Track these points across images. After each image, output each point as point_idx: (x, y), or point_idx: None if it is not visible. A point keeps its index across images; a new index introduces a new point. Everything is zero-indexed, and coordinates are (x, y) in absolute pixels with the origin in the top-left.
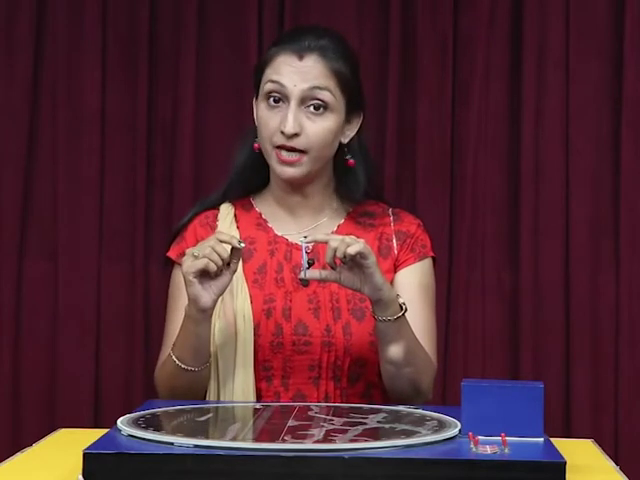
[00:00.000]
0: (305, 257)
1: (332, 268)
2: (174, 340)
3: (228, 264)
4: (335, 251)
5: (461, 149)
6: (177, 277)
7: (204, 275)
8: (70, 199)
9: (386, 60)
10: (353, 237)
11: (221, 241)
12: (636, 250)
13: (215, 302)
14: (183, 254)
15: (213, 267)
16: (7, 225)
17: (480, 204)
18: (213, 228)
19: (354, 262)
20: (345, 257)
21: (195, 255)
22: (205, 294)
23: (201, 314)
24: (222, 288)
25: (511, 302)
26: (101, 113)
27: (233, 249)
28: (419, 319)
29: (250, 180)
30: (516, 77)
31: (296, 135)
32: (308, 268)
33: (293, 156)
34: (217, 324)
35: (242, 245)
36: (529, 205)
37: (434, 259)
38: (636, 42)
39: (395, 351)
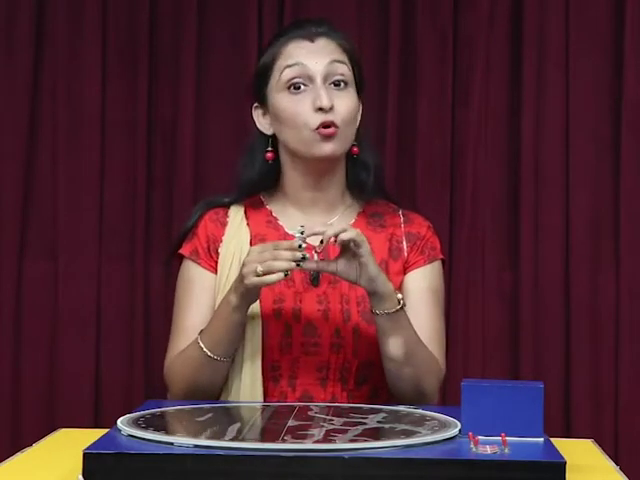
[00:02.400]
0: (298, 237)
1: (321, 242)
2: (197, 331)
3: None
4: (335, 231)
5: (461, 149)
6: (188, 272)
7: None
8: (70, 199)
9: (386, 60)
10: (347, 225)
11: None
12: (636, 250)
13: None
14: (196, 251)
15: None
16: (7, 225)
17: (480, 204)
18: (223, 225)
19: (348, 251)
20: (337, 241)
21: (276, 267)
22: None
23: (249, 304)
24: None
25: (511, 302)
26: (101, 113)
27: None
28: (427, 323)
29: (260, 186)
30: (516, 77)
31: (331, 109)
32: (313, 286)
33: (331, 129)
34: None
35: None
36: (529, 205)
37: (443, 261)
38: (636, 42)
39: (393, 347)
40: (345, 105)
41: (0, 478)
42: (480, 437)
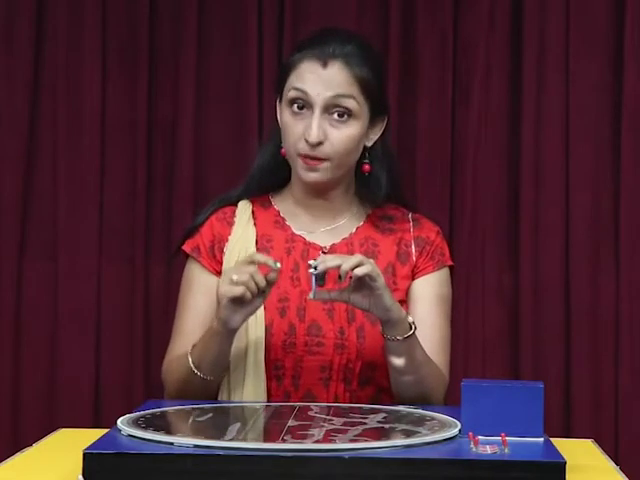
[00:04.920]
0: (314, 279)
1: (339, 277)
2: (191, 342)
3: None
4: (350, 265)
5: (461, 149)
6: (190, 272)
7: (238, 300)
8: (70, 199)
9: (386, 60)
10: (364, 257)
11: (257, 261)
12: (636, 250)
13: (243, 322)
14: (198, 249)
15: (249, 296)
16: (7, 225)
17: (480, 204)
18: (230, 224)
19: (363, 282)
20: (352, 276)
21: (234, 280)
22: (236, 317)
23: (228, 333)
24: (253, 311)
25: (511, 302)
26: (101, 113)
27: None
28: (433, 331)
29: (271, 178)
30: (516, 77)
31: (320, 144)
32: (318, 286)
33: (316, 160)
34: None
35: (278, 266)
36: (529, 205)
37: (452, 267)
38: (636, 42)
39: (402, 366)
40: (340, 138)
41: (0, 478)
42: (480, 437)
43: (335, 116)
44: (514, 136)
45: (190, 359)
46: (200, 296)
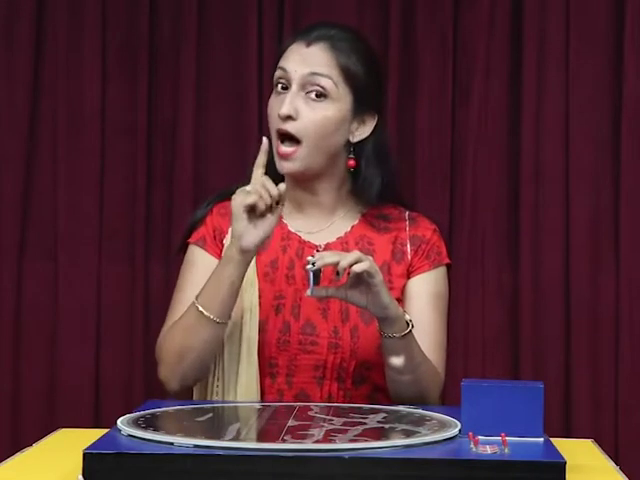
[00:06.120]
0: (311, 276)
1: (337, 274)
2: (194, 295)
3: (277, 203)
4: (348, 262)
5: (461, 149)
6: (192, 256)
7: (252, 213)
8: (70, 199)
9: (386, 60)
10: (362, 254)
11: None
12: (636, 250)
13: (257, 247)
14: (203, 238)
15: (262, 206)
16: (7, 225)
17: (480, 204)
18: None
19: (360, 279)
20: (350, 272)
21: (247, 190)
22: (250, 233)
23: (241, 255)
24: (267, 231)
25: (511, 302)
26: (101, 113)
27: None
28: (429, 329)
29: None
30: (516, 77)
31: (291, 118)
32: (315, 283)
33: (288, 148)
34: None
35: (283, 187)
36: (529, 205)
37: (449, 266)
38: (636, 42)
39: (399, 364)
40: (314, 116)
41: (0, 478)
42: (480, 437)
43: (312, 95)
44: (514, 136)
45: (197, 304)
46: (201, 273)
